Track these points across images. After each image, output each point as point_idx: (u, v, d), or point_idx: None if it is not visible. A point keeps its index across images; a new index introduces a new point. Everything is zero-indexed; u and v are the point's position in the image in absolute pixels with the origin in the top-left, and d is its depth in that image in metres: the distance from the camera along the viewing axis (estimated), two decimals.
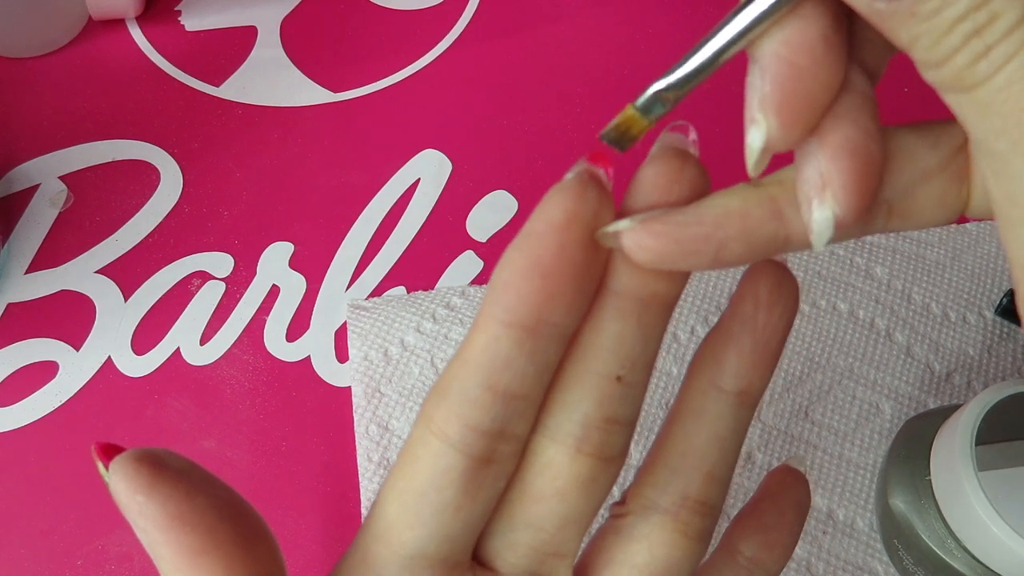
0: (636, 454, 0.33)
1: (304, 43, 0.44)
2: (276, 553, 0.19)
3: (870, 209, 0.17)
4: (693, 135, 0.19)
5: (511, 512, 0.20)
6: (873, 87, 0.17)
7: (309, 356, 0.36)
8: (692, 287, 0.37)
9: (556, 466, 0.19)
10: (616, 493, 0.22)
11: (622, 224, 0.17)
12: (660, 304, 0.18)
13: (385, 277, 0.38)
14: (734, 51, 0.16)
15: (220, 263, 0.38)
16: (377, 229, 0.39)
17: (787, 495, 0.24)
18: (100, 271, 0.38)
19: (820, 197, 0.16)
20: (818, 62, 0.16)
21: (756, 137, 0.16)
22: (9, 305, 0.37)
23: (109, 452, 0.18)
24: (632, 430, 0.20)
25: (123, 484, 0.18)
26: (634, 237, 0.17)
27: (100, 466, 0.19)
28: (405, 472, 0.19)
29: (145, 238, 0.38)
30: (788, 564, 0.31)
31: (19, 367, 0.36)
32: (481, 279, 0.37)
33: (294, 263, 0.38)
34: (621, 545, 0.21)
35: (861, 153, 0.16)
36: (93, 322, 0.37)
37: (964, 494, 0.26)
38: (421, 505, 0.19)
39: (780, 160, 0.17)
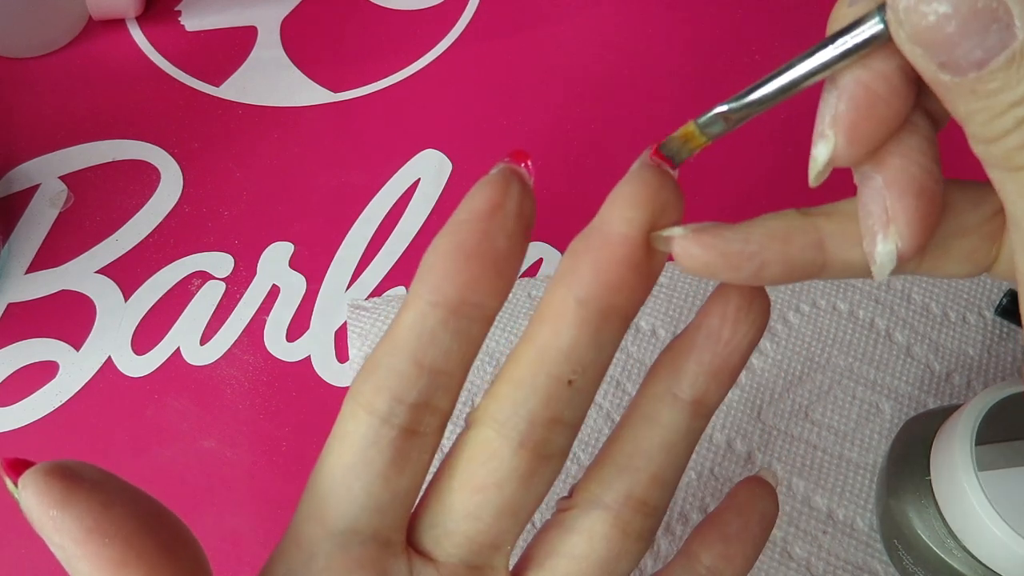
0: None
1: (304, 43, 0.44)
2: (200, 559, 0.19)
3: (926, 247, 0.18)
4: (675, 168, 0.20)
5: (451, 501, 0.20)
6: (936, 133, 0.18)
7: (309, 356, 0.36)
8: (692, 287, 0.37)
9: (498, 458, 0.20)
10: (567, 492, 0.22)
11: (676, 231, 0.18)
12: (618, 316, 0.19)
13: (385, 277, 0.38)
14: (808, 84, 0.17)
15: (220, 263, 0.38)
16: (377, 229, 0.39)
17: (753, 506, 0.24)
18: (100, 271, 0.38)
19: (885, 232, 0.17)
20: (893, 91, 0.17)
21: (823, 151, 0.17)
22: (9, 305, 0.37)
23: (17, 467, 0.18)
24: (575, 433, 0.20)
25: (35, 500, 0.18)
26: (684, 244, 0.18)
27: (8, 483, 0.18)
28: (334, 448, 0.20)
29: (145, 238, 0.38)
30: (788, 563, 0.31)
31: (19, 367, 0.36)
32: None
33: (294, 263, 0.38)
34: (562, 537, 0.21)
35: (926, 193, 0.17)
36: (93, 322, 0.37)
37: (964, 494, 0.26)
38: (351, 478, 0.19)
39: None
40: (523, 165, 0.19)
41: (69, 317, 0.37)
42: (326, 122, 0.42)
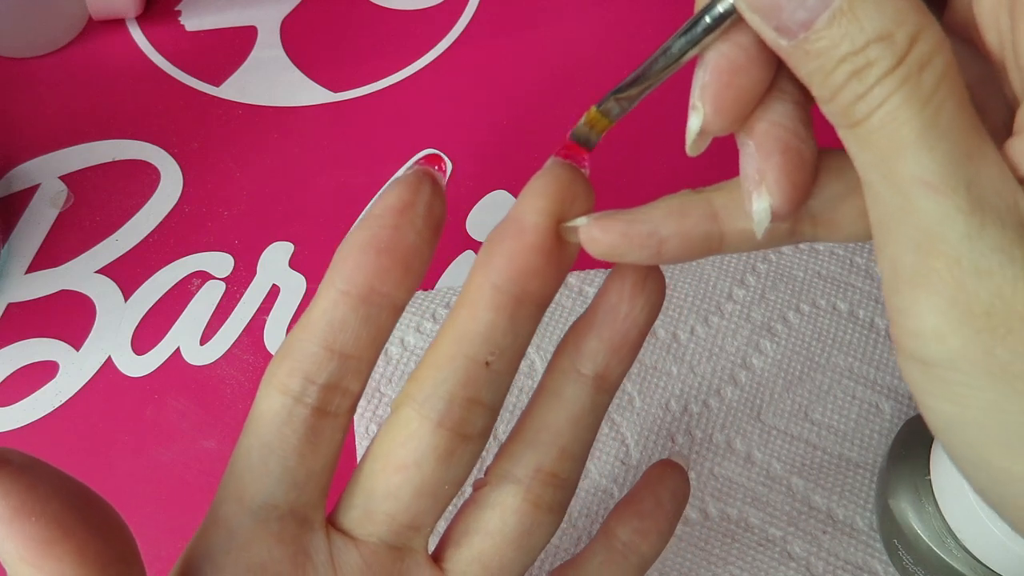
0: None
1: (304, 43, 0.44)
2: (127, 539, 0.19)
3: (803, 203, 0.19)
4: (586, 163, 0.21)
5: (372, 481, 0.21)
6: (810, 100, 0.19)
7: None
8: (692, 287, 0.37)
9: (417, 437, 0.20)
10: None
11: (580, 220, 0.20)
12: (532, 302, 0.20)
13: None
14: (683, 60, 0.18)
15: (220, 263, 0.38)
16: None
17: (665, 485, 0.26)
18: (100, 271, 0.38)
19: (758, 190, 0.18)
20: (751, 61, 0.18)
21: (695, 121, 0.18)
22: (9, 305, 0.37)
23: None
24: (495, 415, 0.21)
25: None
26: (587, 231, 0.19)
27: None
28: (251, 428, 0.21)
29: (145, 238, 0.38)
30: (788, 563, 0.31)
31: (19, 367, 0.36)
32: None
33: (294, 263, 0.38)
34: (476, 514, 0.22)
35: (791, 151, 0.18)
36: (93, 322, 0.37)
37: (964, 494, 0.26)
38: (267, 454, 0.20)
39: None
40: (437, 167, 0.21)
41: (69, 317, 0.37)
42: (326, 122, 0.42)
